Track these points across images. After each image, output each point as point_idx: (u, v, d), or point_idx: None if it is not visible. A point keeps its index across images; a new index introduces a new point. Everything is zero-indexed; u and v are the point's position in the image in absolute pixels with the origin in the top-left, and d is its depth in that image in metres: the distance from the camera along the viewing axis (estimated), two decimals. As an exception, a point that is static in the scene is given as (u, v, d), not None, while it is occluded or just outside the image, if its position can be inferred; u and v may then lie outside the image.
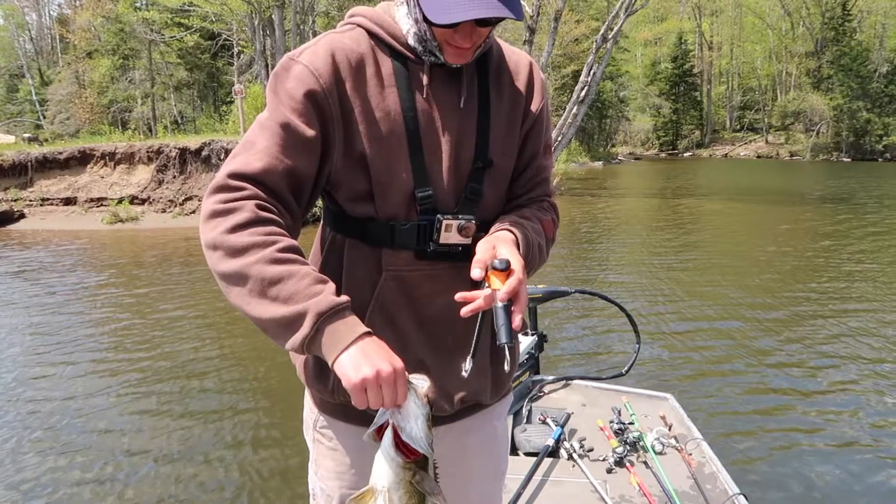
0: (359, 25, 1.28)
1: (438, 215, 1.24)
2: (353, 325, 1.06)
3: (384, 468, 1.03)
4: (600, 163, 36.30)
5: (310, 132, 1.17)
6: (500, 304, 1.11)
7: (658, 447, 2.69)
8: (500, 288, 1.12)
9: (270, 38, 21.15)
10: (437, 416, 1.26)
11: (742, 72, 52.04)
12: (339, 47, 1.22)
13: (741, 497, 2.37)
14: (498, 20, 1.17)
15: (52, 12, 46.13)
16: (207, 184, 15.93)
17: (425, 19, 1.17)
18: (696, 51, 52.53)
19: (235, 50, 26.98)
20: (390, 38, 1.25)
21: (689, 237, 12.56)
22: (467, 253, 1.23)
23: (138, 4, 29.42)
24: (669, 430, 2.84)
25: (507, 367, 1.29)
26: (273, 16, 20.19)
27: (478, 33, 1.19)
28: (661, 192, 21.53)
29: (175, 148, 15.62)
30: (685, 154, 48.45)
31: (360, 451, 1.29)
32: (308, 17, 22.42)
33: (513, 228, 1.25)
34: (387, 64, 1.24)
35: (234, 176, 1.14)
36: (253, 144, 1.17)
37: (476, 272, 1.15)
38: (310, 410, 1.43)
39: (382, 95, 1.23)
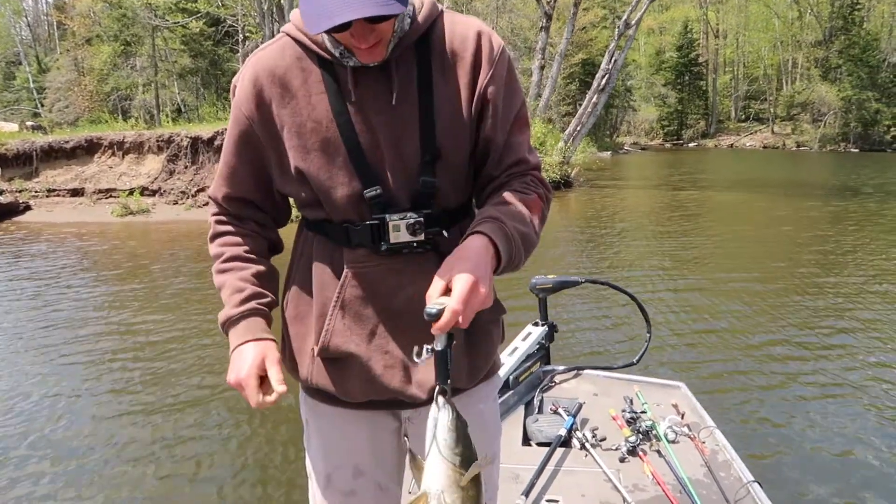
0: (287, 34, 1.29)
1: (386, 216, 1.25)
2: (236, 335, 1.27)
3: (438, 471, 1.07)
4: (608, 153, 35.80)
5: (248, 164, 1.33)
6: (438, 348, 1.13)
7: (671, 436, 2.69)
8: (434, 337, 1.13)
9: (279, 24, 20.56)
10: (415, 403, 1.33)
11: (747, 61, 51.52)
12: (261, 67, 1.27)
13: (755, 485, 2.35)
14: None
15: (48, -2, 45.24)
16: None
17: None
18: (702, 40, 51.99)
19: (241, 37, 26.36)
20: (314, 45, 1.25)
21: (700, 227, 12.44)
22: (430, 244, 1.27)
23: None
24: (682, 418, 2.83)
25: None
26: (282, 1, 19.61)
27: (376, 31, 1.13)
28: (671, 183, 21.17)
29: (186, 137, 15.06)
30: (690, 144, 48.04)
31: (343, 432, 1.42)
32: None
33: (487, 231, 1.17)
34: (314, 72, 1.25)
35: (210, 195, 1.41)
36: (220, 167, 1.38)
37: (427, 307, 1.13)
38: (301, 392, 1.48)
39: (311, 105, 1.25)
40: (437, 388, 1.12)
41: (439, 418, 1.09)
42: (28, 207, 14.62)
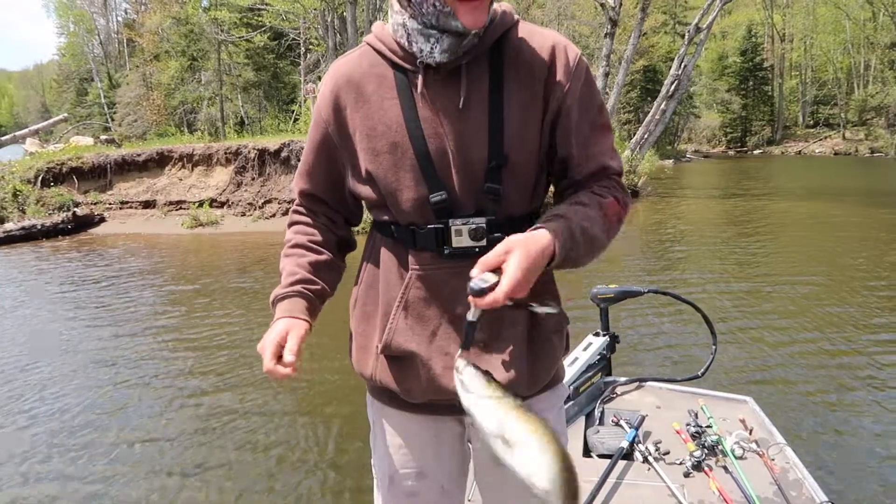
0: (367, 43, 1.35)
1: (449, 220, 1.27)
2: (277, 312, 1.36)
3: (488, 413, 1.04)
4: (670, 161, 34.87)
5: (323, 164, 1.42)
6: (471, 319, 1.17)
7: (738, 451, 2.60)
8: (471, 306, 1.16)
9: (342, 36, 20.72)
10: None
11: (816, 65, 49.55)
12: (340, 74, 1.34)
13: None
14: None
15: (118, 17, 47.10)
16: (287, 186, 15.56)
17: None
18: (767, 43, 50.34)
19: (302, 49, 26.75)
20: (389, 51, 1.29)
21: (767, 237, 11.86)
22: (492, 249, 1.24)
23: (204, 4, 29.45)
24: (750, 433, 2.73)
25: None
26: (345, 13, 19.76)
27: None
28: (738, 192, 20.25)
29: (254, 149, 15.19)
30: (755, 151, 46.37)
31: (407, 434, 1.45)
32: (378, 15, 21.92)
33: (552, 225, 1.18)
34: (388, 78, 1.29)
35: (292, 188, 1.64)
36: (300, 163, 1.48)
37: (473, 271, 1.13)
38: (367, 395, 1.53)
39: (383, 109, 1.28)
40: (459, 352, 1.16)
41: (465, 375, 1.11)
42: (102, 219, 14.97)
